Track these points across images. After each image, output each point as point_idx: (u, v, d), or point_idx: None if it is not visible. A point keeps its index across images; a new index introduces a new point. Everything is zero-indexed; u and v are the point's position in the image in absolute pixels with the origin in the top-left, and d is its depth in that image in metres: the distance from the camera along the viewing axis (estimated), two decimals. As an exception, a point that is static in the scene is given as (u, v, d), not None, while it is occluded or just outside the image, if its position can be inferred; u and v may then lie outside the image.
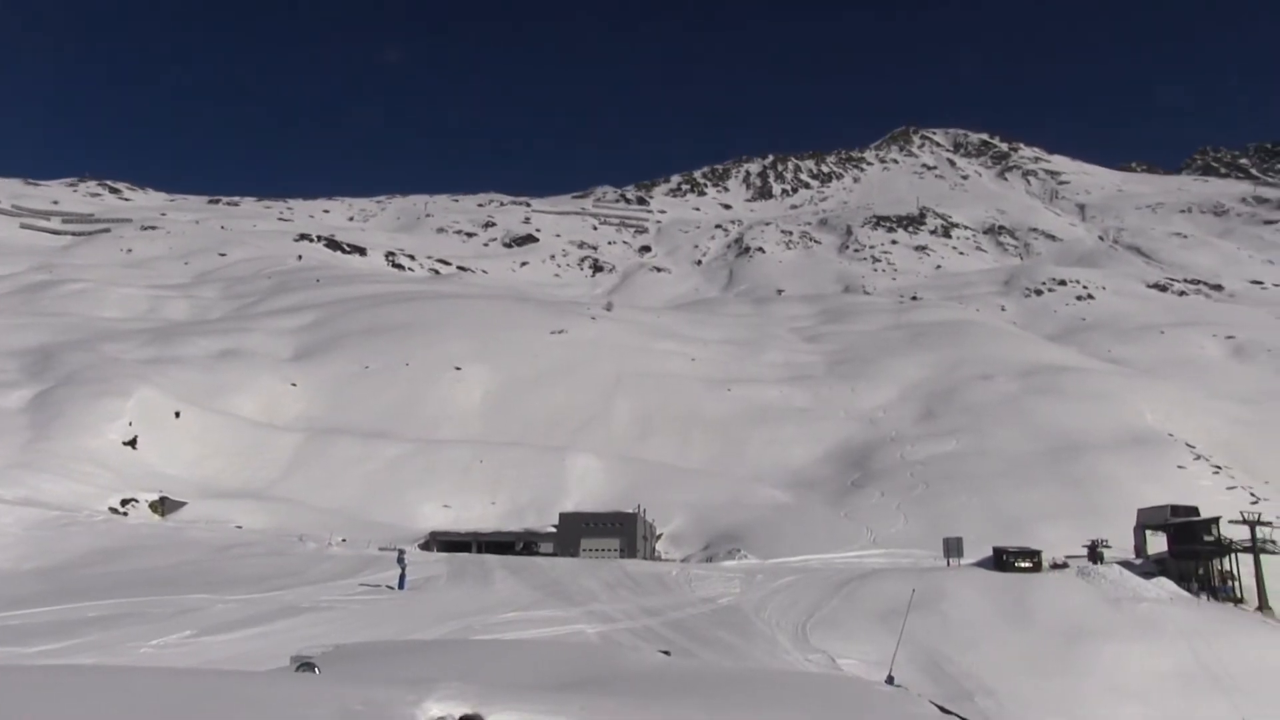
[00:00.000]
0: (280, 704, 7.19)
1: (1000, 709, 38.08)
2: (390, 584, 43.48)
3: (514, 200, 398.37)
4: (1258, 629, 53.00)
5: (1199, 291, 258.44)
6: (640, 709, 9.30)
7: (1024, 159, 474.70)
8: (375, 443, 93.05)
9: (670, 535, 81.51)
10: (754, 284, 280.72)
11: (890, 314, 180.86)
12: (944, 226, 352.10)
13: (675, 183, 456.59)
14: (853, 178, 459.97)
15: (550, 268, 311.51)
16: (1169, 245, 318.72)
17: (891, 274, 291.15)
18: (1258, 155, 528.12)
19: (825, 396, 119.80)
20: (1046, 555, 59.60)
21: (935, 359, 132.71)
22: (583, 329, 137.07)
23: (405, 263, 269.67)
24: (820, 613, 47.87)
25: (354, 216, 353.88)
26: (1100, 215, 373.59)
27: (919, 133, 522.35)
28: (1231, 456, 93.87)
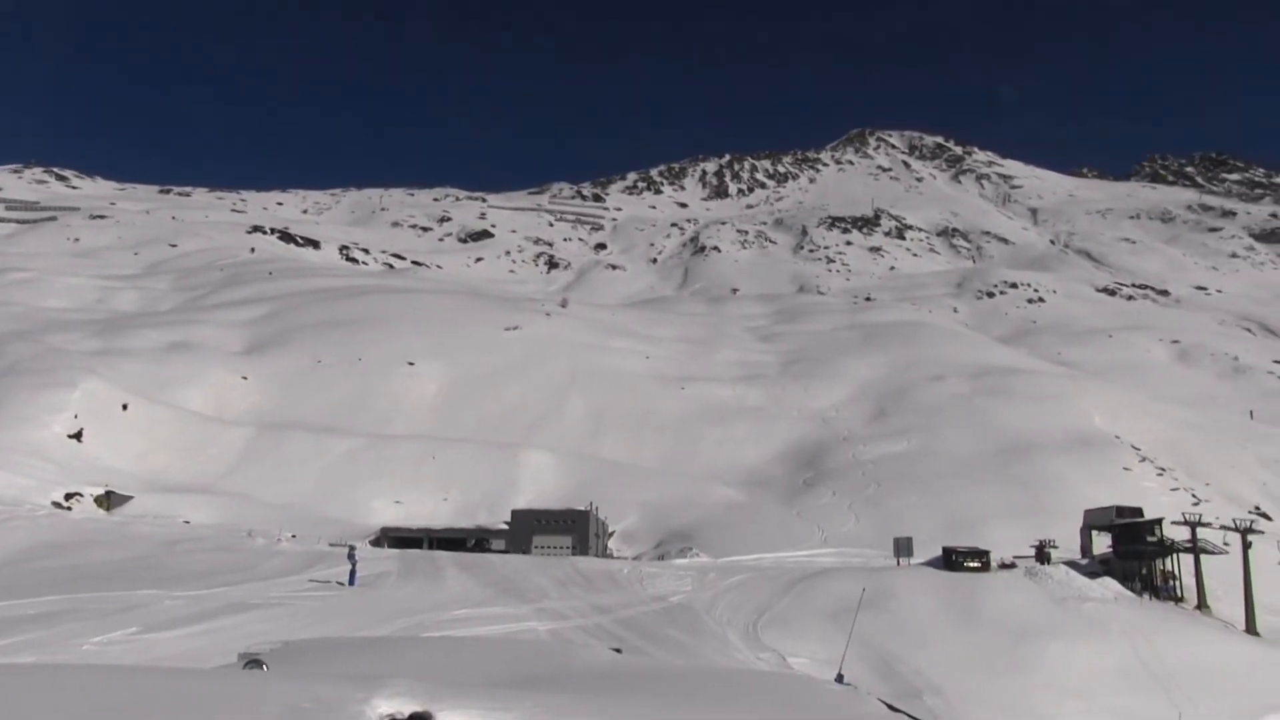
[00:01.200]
0: (227, 702, 7.10)
1: (948, 707, 38.47)
2: (340, 580, 43.17)
3: (470, 195, 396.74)
4: (1196, 627, 54.07)
5: (1146, 296, 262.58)
6: (591, 706, 9.28)
7: (978, 162, 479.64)
8: (327, 438, 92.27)
9: (623, 533, 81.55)
10: (709, 283, 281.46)
11: (844, 314, 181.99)
12: (898, 228, 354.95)
13: (631, 180, 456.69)
14: (808, 178, 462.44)
15: (505, 264, 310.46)
16: (1118, 250, 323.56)
17: (846, 274, 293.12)
18: (1203, 164, 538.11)
19: (778, 396, 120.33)
20: (995, 555, 60.30)
21: (888, 359, 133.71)
22: (537, 325, 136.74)
23: (359, 256, 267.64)
24: (771, 611, 48.11)
25: (308, 209, 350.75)
26: (1052, 220, 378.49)
27: (874, 135, 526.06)
28: (1175, 459, 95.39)
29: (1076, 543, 65.80)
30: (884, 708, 13.28)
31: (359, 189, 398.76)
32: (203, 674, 10.14)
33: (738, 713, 11.41)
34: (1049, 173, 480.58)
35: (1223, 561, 60.67)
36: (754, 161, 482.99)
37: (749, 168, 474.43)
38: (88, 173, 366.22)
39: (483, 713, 7.31)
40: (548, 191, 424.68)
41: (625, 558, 72.44)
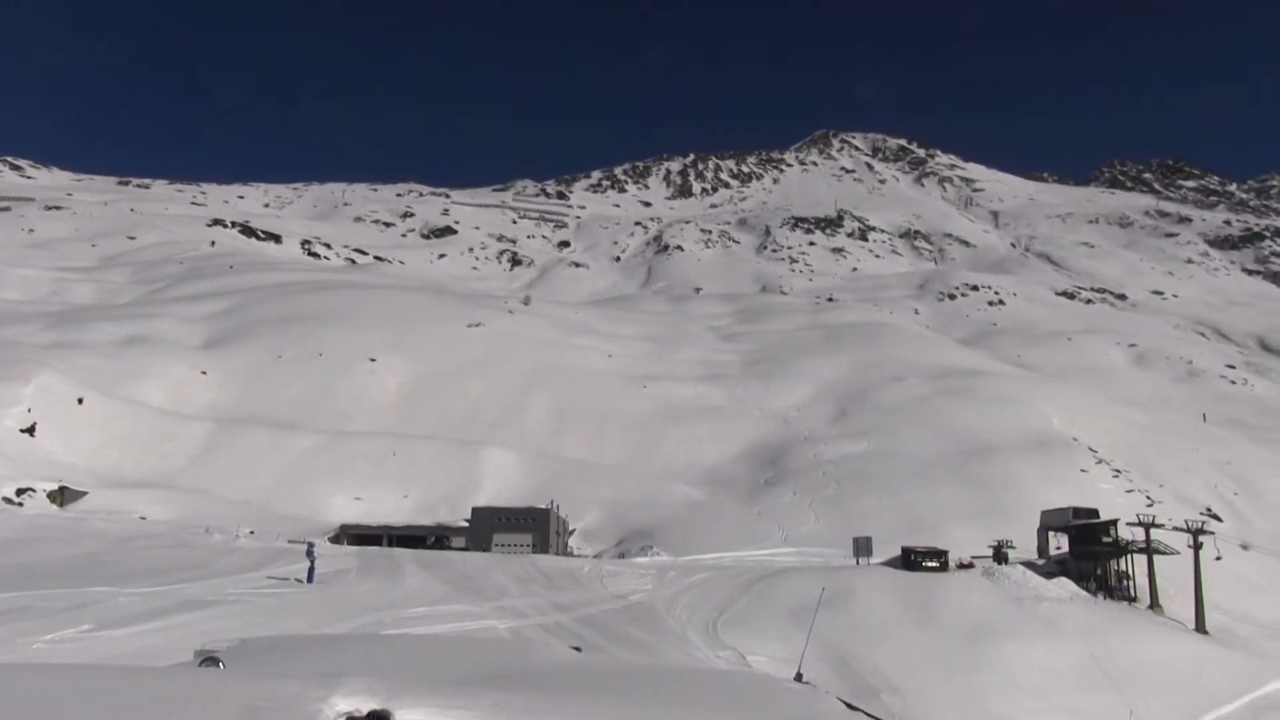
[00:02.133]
0: (181, 700, 7.02)
1: (905, 705, 38.73)
2: (299, 577, 42.85)
3: (433, 191, 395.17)
4: (1148, 627, 54.83)
5: (1104, 300, 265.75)
6: (550, 704, 9.26)
7: (940, 165, 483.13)
8: (286, 433, 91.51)
9: (583, 531, 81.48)
10: (672, 282, 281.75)
11: (806, 314, 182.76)
12: (861, 229, 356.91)
13: (596, 178, 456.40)
14: (772, 179, 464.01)
15: (468, 260, 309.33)
16: (1077, 254, 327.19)
17: (808, 275, 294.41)
18: (1160, 171, 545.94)
19: (740, 395, 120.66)
20: (953, 555, 60.71)
21: (849, 360, 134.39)
22: (500, 323, 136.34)
23: (321, 251, 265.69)
24: (731, 610, 48.23)
25: (270, 203, 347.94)
26: (1013, 223, 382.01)
27: (838, 136, 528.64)
28: (1130, 460, 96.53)
29: (1034, 543, 66.44)
30: (842, 706, 13.34)
31: (321, 183, 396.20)
32: (157, 672, 10.03)
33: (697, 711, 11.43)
34: (1010, 176, 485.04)
35: (1175, 562, 61.54)
36: (718, 161, 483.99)
37: (713, 167, 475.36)
38: (43, 162, 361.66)
39: (441, 711, 7.27)
40: (512, 188, 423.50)
41: (586, 556, 72.37)
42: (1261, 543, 75.84)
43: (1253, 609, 65.65)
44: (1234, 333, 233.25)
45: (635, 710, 10.37)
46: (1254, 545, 73.91)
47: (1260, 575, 70.58)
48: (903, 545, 62.24)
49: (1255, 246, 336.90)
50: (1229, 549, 69.44)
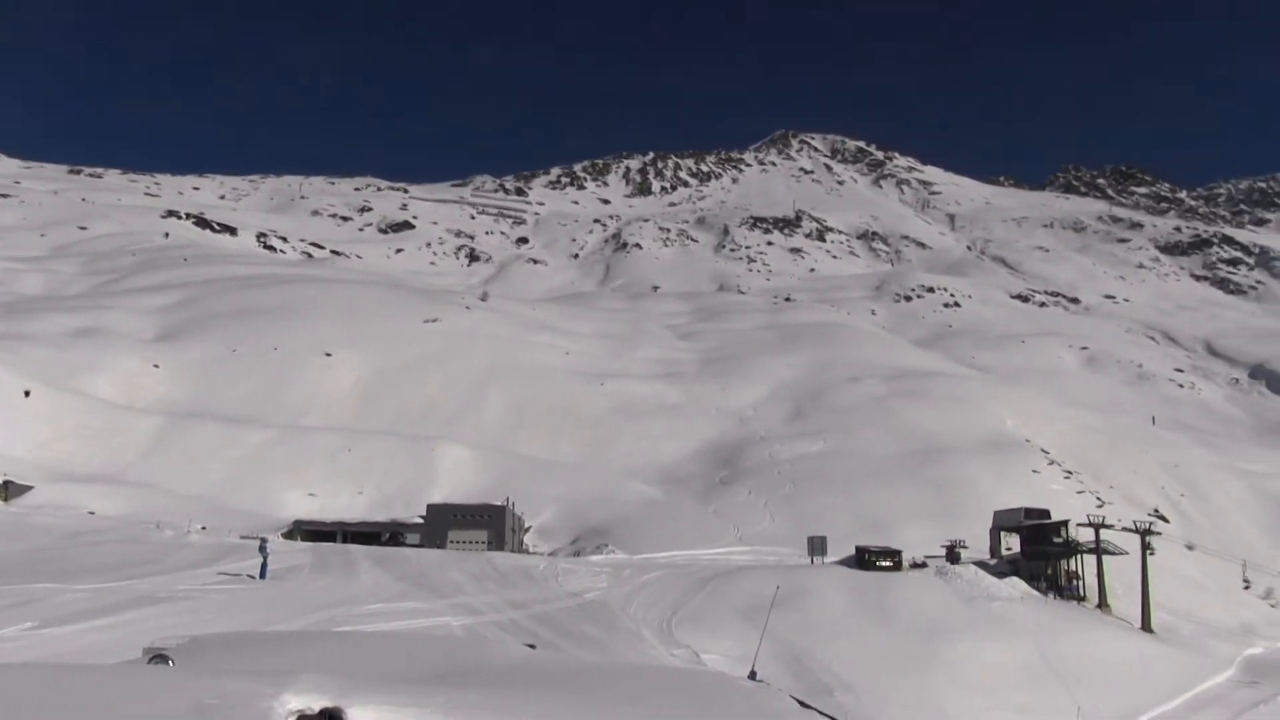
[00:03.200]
0: (129, 698, 6.93)
1: (858, 703, 38.99)
2: (251, 573, 42.40)
3: (391, 186, 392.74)
4: (1096, 625, 55.70)
5: (1058, 303, 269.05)
6: (504, 702, 9.24)
7: (898, 168, 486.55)
8: (240, 428, 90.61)
9: (539, 528, 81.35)
10: (630, 279, 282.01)
11: (763, 314, 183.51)
12: (819, 230, 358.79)
13: (555, 175, 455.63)
14: (731, 178, 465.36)
15: (426, 255, 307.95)
16: (1032, 258, 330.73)
17: (766, 274, 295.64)
18: (1114, 177, 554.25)
19: (697, 394, 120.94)
20: (907, 555, 61.19)
21: (806, 360, 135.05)
22: (457, 319, 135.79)
23: (277, 245, 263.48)
24: (686, 608, 48.32)
25: (225, 195, 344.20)
26: (969, 226, 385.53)
27: (798, 137, 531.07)
28: (1081, 462, 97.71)
29: (986, 543, 67.12)
30: (795, 704, 13.42)
31: (278, 176, 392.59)
32: (104, 669, 9.91)
33: (650, 709, 11.45)
34: (967, 180, 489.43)
35: (1123, 562, 62.47)
36: (678, 160, 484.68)
37: (673, 166, 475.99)
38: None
39: (394, 708, 7.23)
40: (470, 184, 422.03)
41: (541, 553, 72.23)
42: (1206, 543, 77.07)
43: (1196, 608, 66.83)
44: (1182, 337, 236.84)
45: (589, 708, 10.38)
46: (1198, 546, 75.13)
47: (1204, 575, 71.80)
48: (857, 545, 62.66)
49: (1204, 253, 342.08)
50: (1174, 549, 70.59)
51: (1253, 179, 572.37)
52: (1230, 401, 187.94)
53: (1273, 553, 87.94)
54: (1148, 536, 62.12)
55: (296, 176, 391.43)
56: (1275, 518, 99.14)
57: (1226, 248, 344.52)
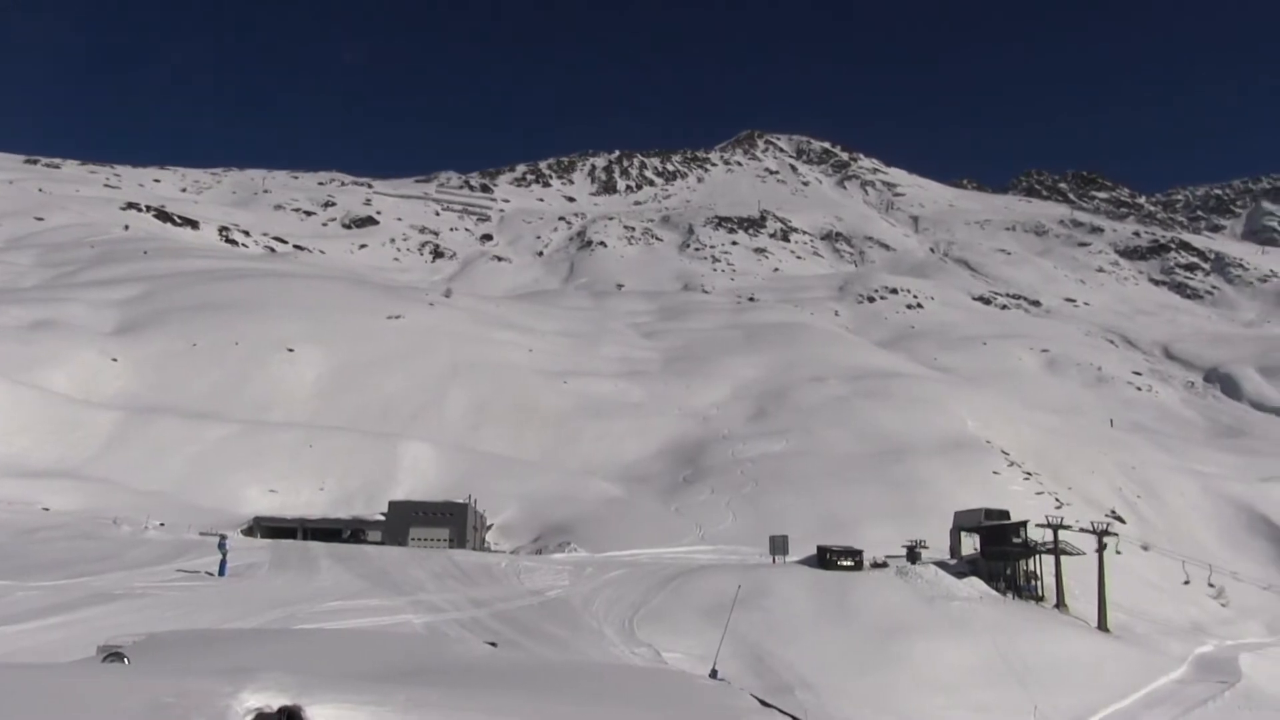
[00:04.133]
0: (83, 697, 6.83)
1: (818, 702, 39.15)
2: (210, 570, 42.04)
3: (355, 181, 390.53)
4: (1053, 625, 56.28)
5: (1019, 306, 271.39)
6: (464, 700, 9.20)
7: (863, 169, 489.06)
8: (200, 423, 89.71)
9: (500, 526, 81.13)
10: (594, 278, 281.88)
11: (727, 313, 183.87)
12: (783, 230, 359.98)
13: (520, 172, 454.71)
14: (696, 177, 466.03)
15: (390, 251, 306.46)
16: (994, 261, 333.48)
17: (730, 274, 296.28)
18: (1075, 181, 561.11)
19: (660, 392, 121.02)
20: (868, 554, 61.52)
21: (769, 359, 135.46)
22: (420, 315, 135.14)
23: (240, 239, 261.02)
24: (647, 607, 48.35)
25: (187, 188, 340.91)
26: (932, 228, 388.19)
27: (764, 137, 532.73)
28: (1040, 463, 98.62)
29: (947, 543, 67.59)
30: (756, 702, 13.44)
31: (241, 169, 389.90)
32: (58, 668, 9.78)
33: (612, 707, 11.44)
34: (931, 182, 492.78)
35: (1080, 562, 63.18)
36: (643, 159, 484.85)
37: (638, 165, 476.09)
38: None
39: (354, 706, 7.18)
40: (435, 180, 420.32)
41: (503, 551, 72.05)
42: (1161, 544, 78.03)
43: (1151, 607, 67.74)
44: (1140, 340, 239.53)
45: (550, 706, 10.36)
46: (1153, 546, 76.04)
47: (1158, 575, 72.69)
48: (818, 544, 62.92)
49: (1161, 258, 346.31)
50: (1131, 549, 71.43)
51: (1209, 186, 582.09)
52: (1186, 404, 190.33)
53: (1224, 553, 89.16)
54: (1106, 538, 62.84)
55: (260, 170, 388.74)
56: (1227, 519, 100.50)
57: (1184, 253, 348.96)
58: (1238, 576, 75.92)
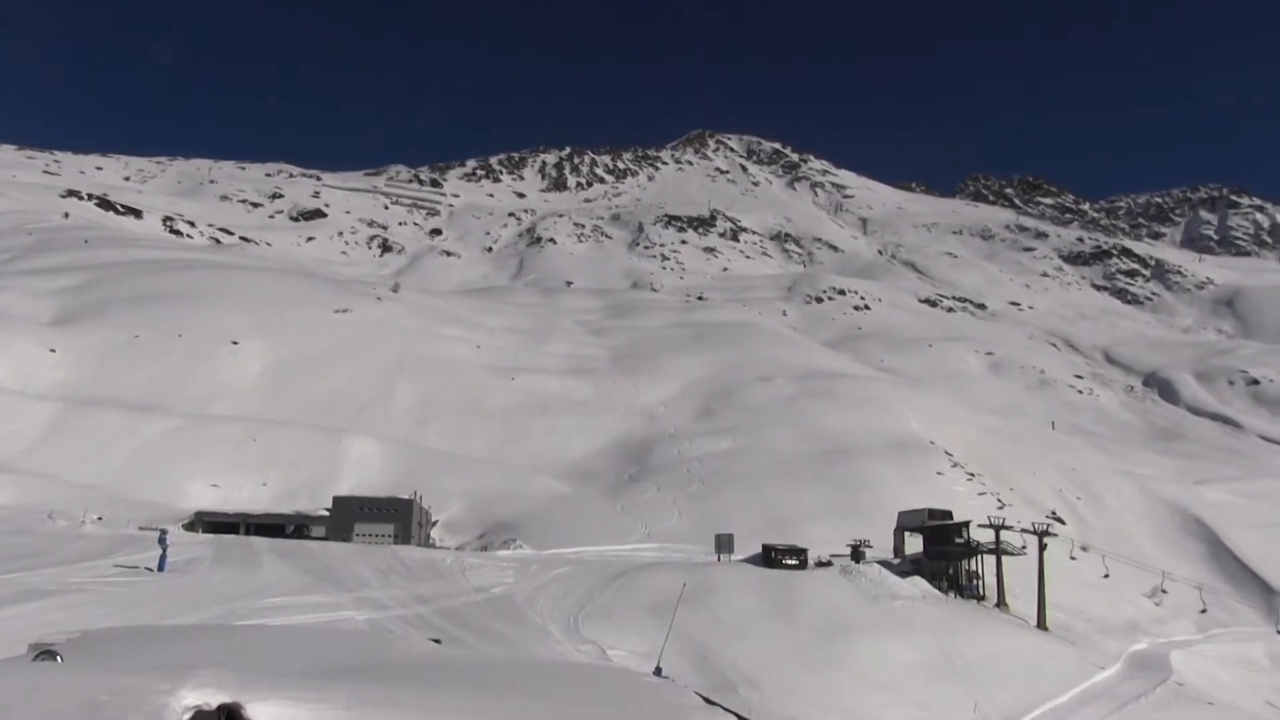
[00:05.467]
0: (13, 697, 6.69)
1: (763, 699, 39.36)
2: (149, 565, 41.47)
3: (304, 173, 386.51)
4: (994, 624, 57.14)
5: (965, 309, 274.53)
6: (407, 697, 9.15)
7: (813, 170, 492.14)
8: (141, 416, 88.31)
9: (446, 522, 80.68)
10: (543, 274, 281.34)
11: (676, 312, 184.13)
12: (733, 230, 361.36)
13: (471, 167, 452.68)
14: (647, 176, 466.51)
15: (338, 245, 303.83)
16: (941, 264, 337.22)
17: (679, 273, 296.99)
18: (1021, 187, 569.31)
19: (607, 390, 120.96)
20: (812, 553, 61.97)
21: (717, 359, 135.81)
22: (367, 309, 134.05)
23: (184, 229, 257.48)
24: (592, 604, 48.36)
25: (130, 176, 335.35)
26: (880, 230, 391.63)
27: (715, 137, 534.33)
28: (983, 464, 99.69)
29: (890, 543, 68.22)
30: (700, 700, 13.49)
31: (186, 159, 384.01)
32: (-10, 664, 9.57)
33: (556, 705, 11.43)
34: (880, 185, 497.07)
35: (1021, 562, 64.10)
36: (594, 156, 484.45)
37: (589, 162, 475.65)
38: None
39: (294, 703, 7.11)
40: (384, 173, 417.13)
41: (448, 547, 71.69)
42: (1099, 544, 79.23)
43: (1088, 606, 68.84)
44: (1082, 344, 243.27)
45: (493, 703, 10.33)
46: (1091, 547, 77.23)
47: (1096, 575, 73.82)
48: (764, 543, 63.29)
49: (1104, 264, 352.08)
50: (1070, 550, 72.56)
51: (1150, 194, 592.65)
52: (1125, 408, 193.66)
53: (1159, 553, 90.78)
54: (1045, 538, 63.78)
55: (205, 160, 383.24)
56: (1162, 520, 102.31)
57: (1125, 259, 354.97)
58: (1171, 576, 77.39)
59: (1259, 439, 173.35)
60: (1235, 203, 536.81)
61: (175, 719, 6.40)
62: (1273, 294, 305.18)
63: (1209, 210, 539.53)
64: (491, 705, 10.20)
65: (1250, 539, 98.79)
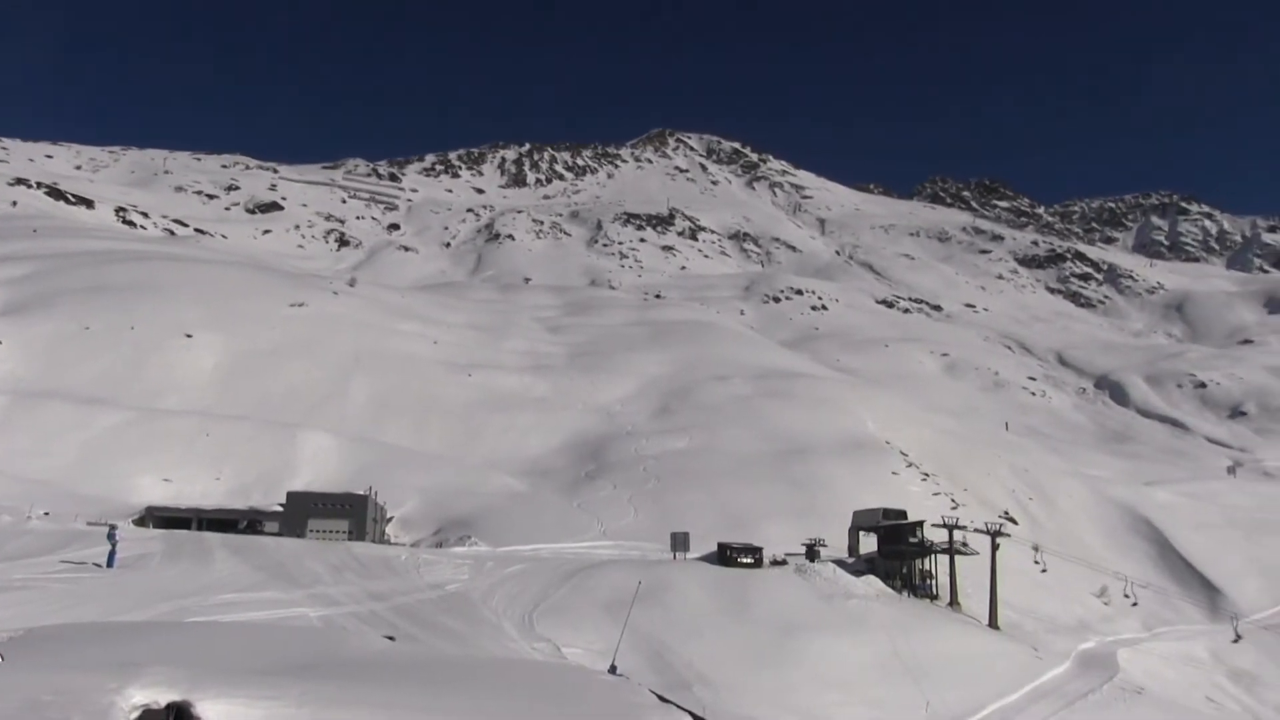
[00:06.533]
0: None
1: (717, 698, 39.48)
2: (98, 561, 40.89)
3: (261, 165, 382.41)
4: (947, 623, 57.72)
5: (921, 310, 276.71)
6: (360, 694, 9.09)
7: (772, 170, 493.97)
8: (91, 409, 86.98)
9: (401, 519, 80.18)
10: (502, 270, 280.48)
11: (634, 310, 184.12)
12: (692, 229, 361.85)
13: (430, 162, 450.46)
14: (607, 173, 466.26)
15: (294, 238, 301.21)
16: (898, 265, 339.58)
17: (638, 271, 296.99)
18: (978, 190, 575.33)
19: (565, 387, 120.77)
20: (767, 552, 62.21)
21: (674, 357, 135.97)
22: (324, 303, 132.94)
23: (138, 220, 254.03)
24: (548, 601, 48.29)
25: (82, 165, 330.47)
26: (838, 231, 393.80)
27: (674, 136, 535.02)
28: (938, 465, 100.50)
29: (845, 542, 68.65)
30: (654, 698, 13.52)
31: (141, 149, 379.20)
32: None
33: (510, 702, 11.41)
34: (838, 186, 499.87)
35: (974, 562, 64.75)
36: (554, 153, 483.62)
37: (549, 158, 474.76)
38: None
39: (246, 701, 7.05)
40: (342, 167, 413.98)
41: (403, 544, 71.26)
42: (1050, 544, 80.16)
43: (1039, 605, 69.72)
44: (1036, 347, 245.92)
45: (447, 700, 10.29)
46: (1043, 547, 78.17)
47: (1047, 575, 74.75)
48: (719, 541, 63.46)
49: (1058, 267, 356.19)
50: (1021, 550, 73.42)
51: (1104, 199, 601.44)
52: (1077, 410, 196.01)
53: (1108, 554, 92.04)
54: (998, 538, 64.47)
55: (160, 150, 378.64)
56: (1112, 521, 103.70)
57: (1079, 263, 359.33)
58: (1119, 576, 78.53)
59: (1205, 441, 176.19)
60: (1185, 209, 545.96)
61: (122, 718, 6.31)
62: (1220, 299, 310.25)
63: (1160, 216, 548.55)
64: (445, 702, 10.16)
65: (1195, 539, 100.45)
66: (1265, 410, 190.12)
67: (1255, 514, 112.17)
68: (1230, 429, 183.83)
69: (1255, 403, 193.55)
